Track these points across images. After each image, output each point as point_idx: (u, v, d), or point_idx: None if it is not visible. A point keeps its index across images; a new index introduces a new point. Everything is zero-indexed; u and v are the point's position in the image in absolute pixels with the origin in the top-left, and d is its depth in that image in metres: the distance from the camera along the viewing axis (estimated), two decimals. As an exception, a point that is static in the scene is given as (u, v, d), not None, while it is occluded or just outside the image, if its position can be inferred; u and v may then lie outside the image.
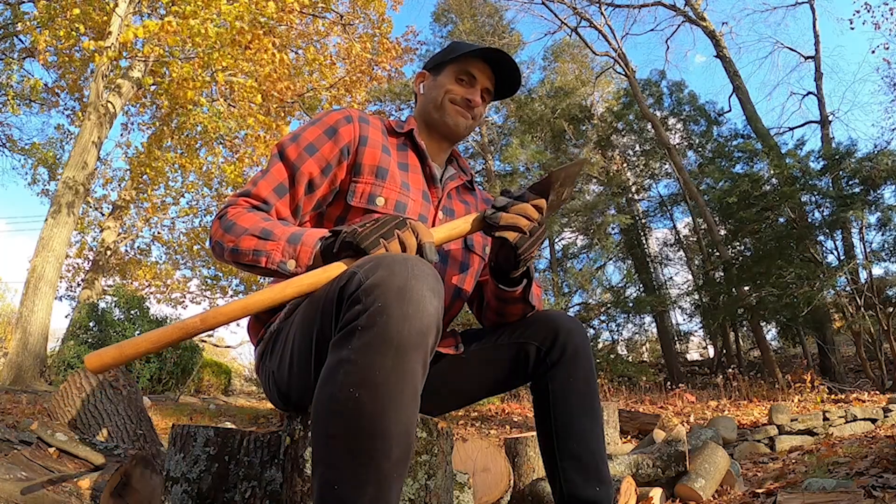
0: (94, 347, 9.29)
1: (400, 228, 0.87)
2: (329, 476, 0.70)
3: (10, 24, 11.24)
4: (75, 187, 8.73)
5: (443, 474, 1.31)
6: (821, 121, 12.34)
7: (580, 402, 1.09)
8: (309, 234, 0.93)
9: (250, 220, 0.97)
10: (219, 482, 1.51)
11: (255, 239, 0.93)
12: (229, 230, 0.97)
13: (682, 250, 15.33)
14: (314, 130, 1.09)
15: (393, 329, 0.70)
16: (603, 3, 14.26)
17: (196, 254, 15.02)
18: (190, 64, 7.91)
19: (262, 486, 1.47)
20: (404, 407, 0.70)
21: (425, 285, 0.73)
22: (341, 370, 0.71)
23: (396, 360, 0.69)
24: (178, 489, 1.51)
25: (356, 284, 0.74)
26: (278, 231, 0.93)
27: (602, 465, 1.06)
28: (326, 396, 0.72)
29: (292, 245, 0.91)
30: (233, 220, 0.98)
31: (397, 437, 0.70)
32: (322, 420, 0.73)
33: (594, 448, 1.06)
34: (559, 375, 1.10)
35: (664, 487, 2.32)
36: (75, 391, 2.23)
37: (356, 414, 0.69)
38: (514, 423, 6.35)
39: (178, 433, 1.60)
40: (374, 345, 0.69)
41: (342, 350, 0.72)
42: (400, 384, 0.70)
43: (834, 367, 8.94)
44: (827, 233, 8.44)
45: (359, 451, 0.69)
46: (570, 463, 1.05)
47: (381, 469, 0.69)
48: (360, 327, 0.71)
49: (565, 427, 1.07)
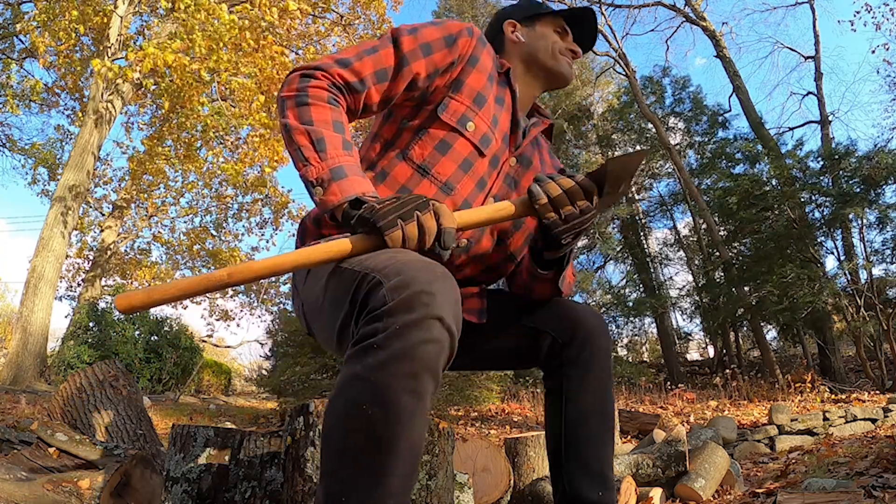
0: (94, 347, 9.29)
1: (421, 210, 0.82)
2: (336, 489, 0.71)
3: (10, 24, 11.24)
4: (75, 187, 8.73)
5: (444, 474, 1.31)
6: (821, 121, 12.34)
7: (593, 405, 1.06)
8: (350, 181, 0.88)
9: (321, 114, 0.93)
10: (219, 482, 1.51)
11: (307, 141, 0.90)
12: (300, 105, 0.93)
13: (682, 250, 15.32)
14: (434, 32, 1.06)
15: (409, 353, 0.70)
16: (603, 3, 14.27)
17: (196, 254, 15.02)
18: (192, 64, 7.91)
19: (262, 486, 1.47)
20: (414, 426, 0.71)
21: (448, 313, 0.73)
22: (355, 387, 0.71)
23: (409, 382, 0.70)
24: (178, 489, 1.51)
25: (380, 301, 0.73)
26: (331, 151, 0.89)
27: (608, 471, 1.05)
28: (338, 411, 0.73)
29: (329, 179, 0.88)
30: (310, 99, 0.94)
31: (405, 455, 0.70)
32: (333, 433, 0.73)
33: (602, 454, 1.05)
34: (574, 375, 1.07)
35: (664, 487, 2.32)
36: (75, 391, 2.23)
37: (367, 430, 0.70)
38: (514, 423, 6.35)
39: (178, 433, 1.60)
40: (389, 366, 0.69)
41: (356, 365, 0.72)
42: (411, 405, 0.70)
43: (834, 367, 8.94)
44: (827, 233, 8.44)
45: (367, 466, 0.70)
46: (576, 465, 1.04)
47: (389, 485, 0.70)
48: (375, 345, 0.71)
49: (575, 430, 1.05)
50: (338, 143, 0.90)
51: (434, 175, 1.05)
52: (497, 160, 1.11)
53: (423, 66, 1.03)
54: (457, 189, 1.06)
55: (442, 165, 1.04)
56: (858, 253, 8.24)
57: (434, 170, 1.05)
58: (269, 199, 13.85)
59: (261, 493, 1.45)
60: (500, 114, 1.12)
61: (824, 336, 9.31)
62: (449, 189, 1.05)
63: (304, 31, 11.39)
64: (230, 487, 1.49)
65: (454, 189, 1.06)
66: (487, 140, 1.08)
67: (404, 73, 1.02)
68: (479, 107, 1.08)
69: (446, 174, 1.05)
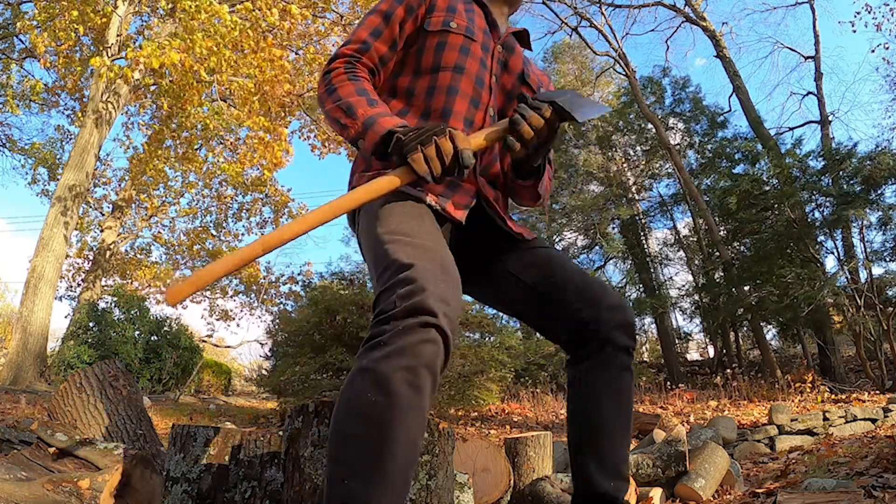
0: (94, 347, 9.29)
1: (438, 136, 0.96)
2: (339, 472, 0.79)
3: (10, 24, 11.24)
4: (75, 187, 8.73)
5: (444, 474, 1.31)
6: (821, 121, 12.34)
7: (611, 402, 1.09)
8: (380, 122, 1.06)
9: (345, 89, 1.13)
10: (219, 482, 1.51)
11: (341, 113, 1.11)
12: (330, 94, 1.15)
13: (682, 250, 15.31)
14: None
15: (409, 350, 0.80)
16: (603, 3, 14.26)
17: (196, 254, 15.02)
18: (192, 63, 7.90)
19: (262, 486, 1.47)
20: (412, 417, 0.80)
21: (446, 323, 0.83)
22: (361, 377, 0.81)
23: (408, 374, 0.79)
24: (178, 489, 1.51)
25: (389, 306, 0.84)
26: (359, 111, 1.09)
27: (622, 466, 1.08)
28: (346, 400, 0.83)
29: (364, 130, 1.06)
30: (335, 84, 1.15)
31: (403, 443, 0.79)
32: (339, 421, 0.82)
33: (618, 450, 1.08)
34: (594, 371, 1.09)
35: (664, 487, 2.32)
36: (75, 391, 2.22)
37: (370, 415, 0.79)
38: (514, 423, 6.36)
39: (178, 433, 1.60)
40: (391, 359, 0.80)
41: (364, 359, 0.82)
42: (409, 395, 0.79)
43: (834, 367, 8.93)
44: (827, 232, 8.43)
45: (369, 451, 0.78)
46: (592, 457, 1.07)
47: (388, 470, 0.77)
48: (381, 343, 0.81)
49: (592, 424, 1.09)
50: (363, 103, 1.10)
51: (444, 65, 1.22)
52: (487, 46, 1.29)
53: (401, 11, 1.25)
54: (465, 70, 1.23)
55: (447, 58, 1.23)
56: (858, 253, 8.24)
57: (443, 62, 1.22)
58: (269, 198, 13.86)
59: (261, 493, 1.46)
60: (473, 17, 1.31)
61: (824, 336, 9.30)
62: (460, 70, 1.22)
63: (304, 31, 11.39)
64: (230, 487, 1.49)
65: (464, 70, 1.23)
66: (471, 31, 1.27)
67: (392, 22, 1.24)
68: (453, 13, 1.27)
69: (451, 61, 1.23)
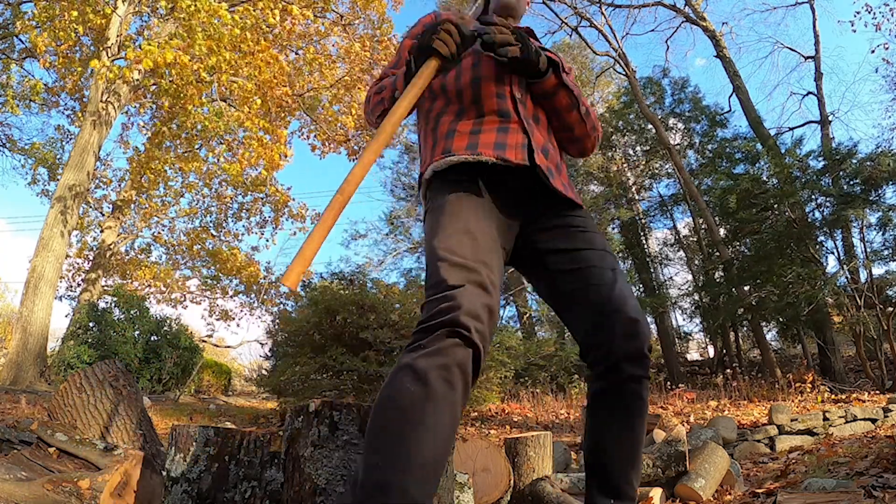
0: (94, 347, 9.28)
1: (439, 27, 1.17)
2: (373, 459, 0.86)
3: (10, 24, 11.23)
4: (75, 187, 8.73)
5: (444, 474, 1.31)
6: (821, 121, 12.33)
7: (620, 427, 1.13)
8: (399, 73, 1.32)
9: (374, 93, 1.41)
10: (219, 482, 1.51)
11: (378, 97, 1.38)
12: (368, 102, 1.43)
13: (682, 250, 15.31)
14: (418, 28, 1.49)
15: (444, 351, 0.93)
16: (603, 3, 14.25)
17: (196, 254, 15.01)
18: (192, 63, 7.90)
19: (262, 486, 1.47)
20: (445, 409, 0.90)
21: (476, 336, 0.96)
22: (402, 372, 0.92)
23: (443, 371, 0.91)
24: (178, 489, 1.51)
25: (429, 317, 0.97)
26: (386, 82, 1.37)
27: (626, 486, 1.10)
28: (385, 395, 0.92)
29: (397, 76, 1.32)
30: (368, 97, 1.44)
31: (435, 434, 0.88)
32: (379, 413, 0.91)
33: (621, 471, 1.11)
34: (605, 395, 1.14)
35: (664, 487, 2.32)
36: (75, 391, 2.22)
37: (407, 404, 0.89)
38: (514, 423, 6.36)
39: (178, 433, 1.60)
40: (429, 357, 0.92)
41: (405, 358, 0.94)
42: (444, 389, 0.90)
43: (834, 367, 8.92)
44: (827, 232, 8.43)
45: (403, 436, 0.86)
46: (596, 475, 1.13)
47: (419, 457, 0.85)
48: (422, 346, 0.94)
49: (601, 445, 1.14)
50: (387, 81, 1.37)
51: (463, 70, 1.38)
52: None
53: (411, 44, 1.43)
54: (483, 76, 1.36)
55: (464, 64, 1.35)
56: (858, 253, 8.23)
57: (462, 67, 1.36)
58: (269, 197, 13.85)
59: (261, 493, 1.46)
60: None
61: (824, 336, 9.29)
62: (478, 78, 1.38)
63: (304, 31, 11.38)
64: (230, 487, 1.49)
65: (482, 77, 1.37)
66: None
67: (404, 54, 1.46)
68: None
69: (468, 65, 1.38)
